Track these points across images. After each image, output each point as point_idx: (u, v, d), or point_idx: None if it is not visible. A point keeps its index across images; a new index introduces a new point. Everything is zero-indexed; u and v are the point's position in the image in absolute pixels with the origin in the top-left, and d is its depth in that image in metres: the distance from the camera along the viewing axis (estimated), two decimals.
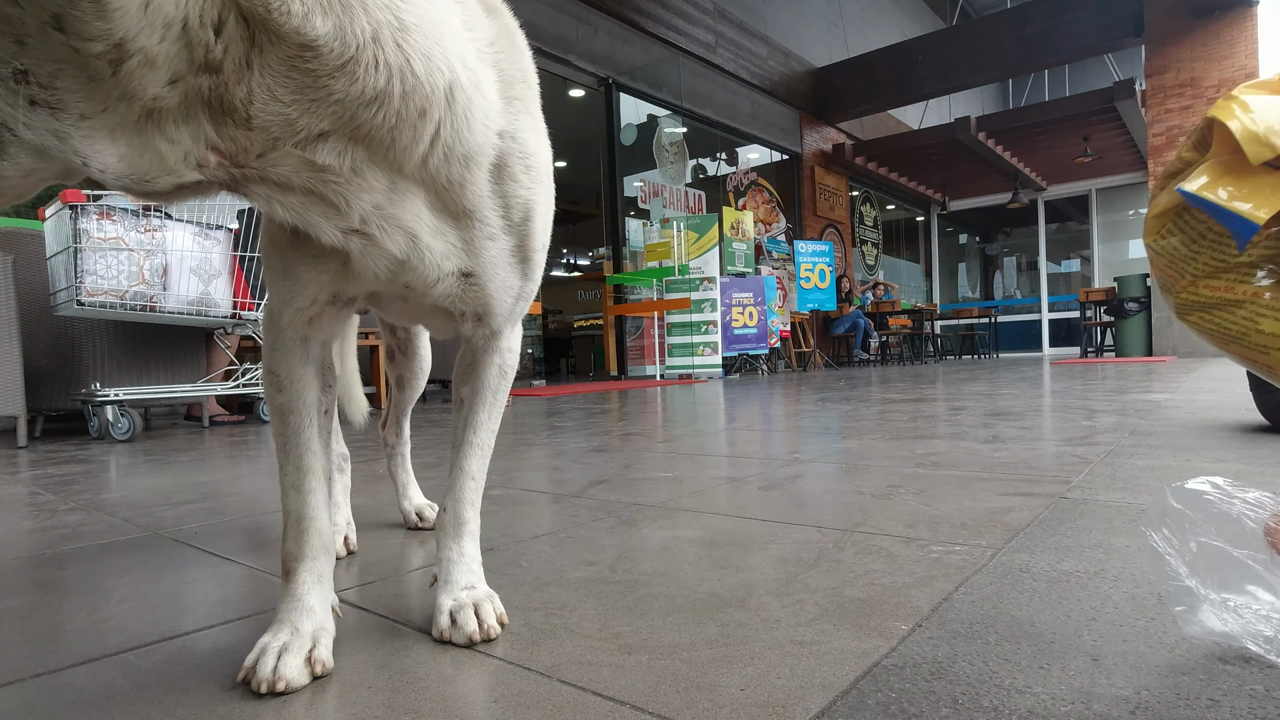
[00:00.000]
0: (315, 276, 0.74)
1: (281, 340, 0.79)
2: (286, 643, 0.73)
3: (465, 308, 0.83)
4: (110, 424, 3.39)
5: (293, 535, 0.80)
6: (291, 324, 0.78)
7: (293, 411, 0.79)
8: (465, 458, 0.90)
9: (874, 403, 3.94)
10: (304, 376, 0.80)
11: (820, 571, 1.00)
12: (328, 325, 0.80)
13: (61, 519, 1.61)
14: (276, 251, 0.75)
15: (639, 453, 2.32)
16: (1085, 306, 10.46)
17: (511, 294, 0.83)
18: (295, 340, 0.79)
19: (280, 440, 0.80)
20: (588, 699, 0.66)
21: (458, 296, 0.79)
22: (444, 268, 0.74)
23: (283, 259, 0.74)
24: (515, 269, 0.81)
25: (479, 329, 0.87)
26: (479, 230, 0.75)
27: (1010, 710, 0.61)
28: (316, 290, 0.75)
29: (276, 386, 0.80)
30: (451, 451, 0.92)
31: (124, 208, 3.35)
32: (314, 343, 0.80)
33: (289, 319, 0.77)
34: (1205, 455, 1.82)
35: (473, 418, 0.91)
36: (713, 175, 10.66)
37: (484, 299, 0.80)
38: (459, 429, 0.92)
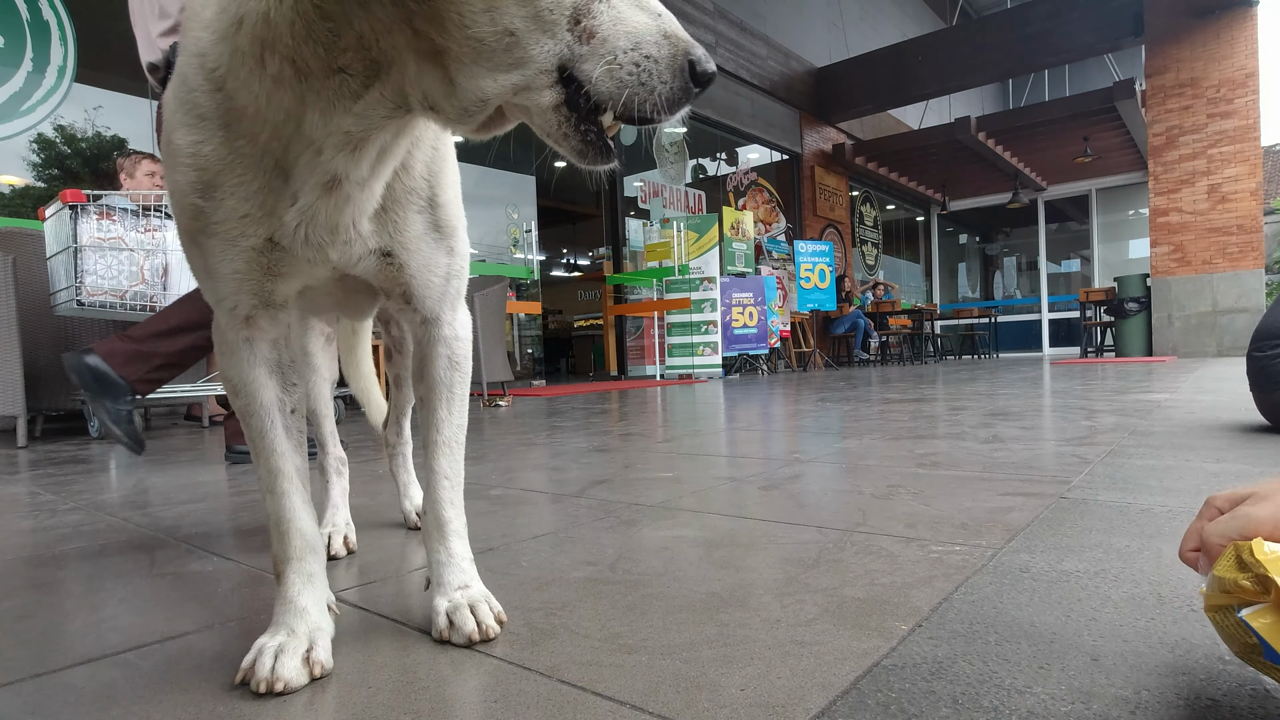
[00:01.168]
0: (231, 269, 0.71)
1: (225, 344, 0.77)
2: (283, 644, 0.73)
3: (390, 287, 0.82)
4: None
5: (276, 538, 0.80)
6: (230, 325, 0.76)
7: (253, 414, 0.78)
8: (433, 458, 0.88)
9: (874, 403, 3.94)
10: (255, 379, 0.78)
11: (820, 571, 1.00)
12: (268, 325, 0.78)
13: (61, 519, 1.61)
14: (194, 247, 0.72)
15: (639, 453, 2.32)
16: (1085, 306, 10.46)
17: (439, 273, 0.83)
18: (238, 343, 0.77)
19: (250, 444, 0.80)
20: (588, 699, 0.66)
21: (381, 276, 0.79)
22: (368, 245, 0.76)
23: (202, 255, 0.72)
24: (437, 245, 0.82)
25: (411, 315, 0.86)
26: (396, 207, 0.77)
27: (1010, 710, 0.61)
28: (236, 285, 0.73)
29: (233, 391, 0.79)
30: (423, 453, 0.90)
31: (124, 208, 3.35)
32: (260, 344, 0.78)
33: (225, 320, 0.76)
34: (1205, 455, 1.82)
35: (433, 416, 0.89)
36: (713, 175, 10.67)
37: (404, 278, 0.81)
38: (423, 430, 0.90)
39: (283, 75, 0.63)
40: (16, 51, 4.73)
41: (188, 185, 0.69)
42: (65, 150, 5.11)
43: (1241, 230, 8.86)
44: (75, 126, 5.11)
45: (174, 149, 0.69)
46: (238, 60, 0.64)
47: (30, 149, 4.90)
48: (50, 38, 4.86)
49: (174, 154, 0.69)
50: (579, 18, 0.58)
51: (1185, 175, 9.16)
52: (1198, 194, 9.07)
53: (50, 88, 4.87)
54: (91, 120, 5.19)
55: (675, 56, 0.60)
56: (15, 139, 4.77)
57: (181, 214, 0.71)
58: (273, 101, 0.64)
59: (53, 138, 5.00)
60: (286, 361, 0.81)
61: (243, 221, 0.69)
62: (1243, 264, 8.86)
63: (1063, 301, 14.11)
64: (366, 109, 0.65)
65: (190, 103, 0.67)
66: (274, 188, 0.68)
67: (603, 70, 0.59)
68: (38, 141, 4.92)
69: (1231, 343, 8.85)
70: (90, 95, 5.14)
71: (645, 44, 0.59)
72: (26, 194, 4.87)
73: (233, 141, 0.67)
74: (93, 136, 5.23)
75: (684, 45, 0.60)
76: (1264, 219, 9.05)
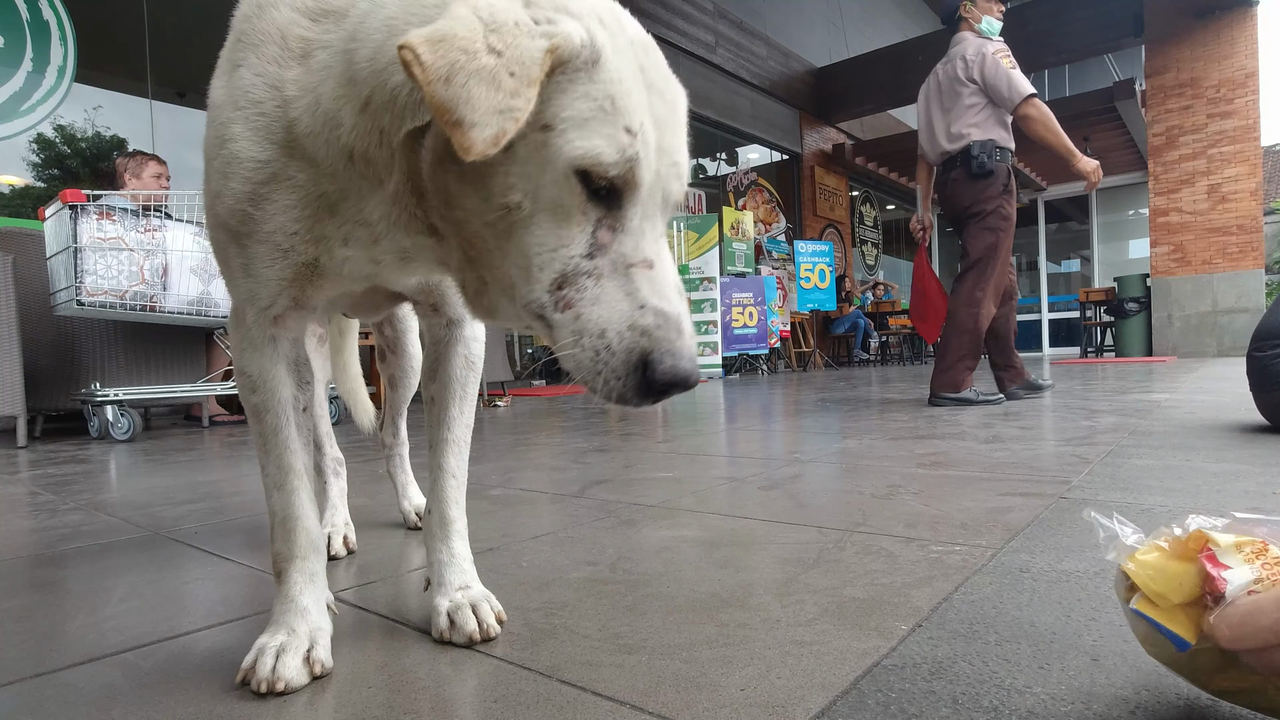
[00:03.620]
0: (277, 275, 0.72)
1: (249, 339, 0.77)
2: (284, 643, 0.73)
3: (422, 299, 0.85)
4: (110, 424, 3.39)
5: (280, 536, 0.80)
6: (257, 323, 0.76)
7: (268, 411, 0.78)
8: (442, 456, 0.89)
9: (874, 403, 3.94)
10: (276, 375, 0.78)
11: (820, 571, 1.00)
12: (295, 324, 0.78)
13: (61, 519, 1.61)
14: (235, 245, 0.72)
15: (639, 453, 2.32)
16: (1085, 306, 10.46)
17: None
18: (263, 339, 0.77)
19: (259, 440, 0.79)
20: (588, 699, 0.66)
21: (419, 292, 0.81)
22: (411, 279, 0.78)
23: (242, 253, 0.72)
24: None
25: (436, 318, 0.88)
26: None
27: (1010, 710, 0.61)
28: (278, 290, 0.73)
29: (250, 387, 0.78)
30: (428, 452, 0.91)
31: (124, 208, 3.35)
32: (283, 341, 0.78)
33: (254, 318, 0.76)
34: (1205, 455, 1.82)
35: (444, 414, 0.90)
36: (713, 175, 10.66)
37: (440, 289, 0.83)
38: (433, 427, 0.91)
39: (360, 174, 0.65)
40: (16, 51, 4.73)
41: (242, 194, 0.69)
42: (65, 150, 5.11)
43: (1241, 230, 8.86)
44: (75, 126, 5.11)
45: (232, 157, 0.68)
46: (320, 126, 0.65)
47: (30, 149, 4.90)
48: (50, 38, 4.86)
49: (230, 161, 0.69)
50: (562, 284, 0.57)
51: (1185, 175, 9.16)
52: (1198, 194, 9.07)
53: (50, 88, 4.86)
54: (91, 120, 5.19)
55: (631, 353, 0.56)
56: (15, 139, 4.77)
57: (228, 216, 0.70)
58: (341, 179, 0.66)
59: (53, 138, 5.00)
60: (303, 359, 0.82)
61: (293, 237, 0.70)
62: (1243, 264, 8.86)
63: (1063, 301, 14.11)
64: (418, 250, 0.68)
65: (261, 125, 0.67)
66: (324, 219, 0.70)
67: (566, 348, 0.58)
68: (38, 141, 4.92)
69: (1231, 343, 8.85)
70: (90, 95, 5.14)
71: (610, 333, 0.56)
72: (26, 194, 4.87)
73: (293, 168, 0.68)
74: (92, 136, 5.23)
75: (648, 345, 0.56)
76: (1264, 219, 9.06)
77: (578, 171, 0.55)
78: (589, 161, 0.54)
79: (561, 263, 0.57)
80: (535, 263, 0.58)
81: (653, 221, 0.59)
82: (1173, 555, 0.55)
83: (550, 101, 0.54)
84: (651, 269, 0.58)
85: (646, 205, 0.58)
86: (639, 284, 0.57)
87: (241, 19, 0.70)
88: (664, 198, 0.60)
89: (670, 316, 0.57)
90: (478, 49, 0.52)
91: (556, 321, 0.58)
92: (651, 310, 0.57)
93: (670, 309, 0.57)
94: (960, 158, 3.50)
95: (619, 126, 0.55)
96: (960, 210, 3.54)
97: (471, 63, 0.52)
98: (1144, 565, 0.56)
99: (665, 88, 0.60)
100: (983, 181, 3.45)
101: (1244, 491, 1.39)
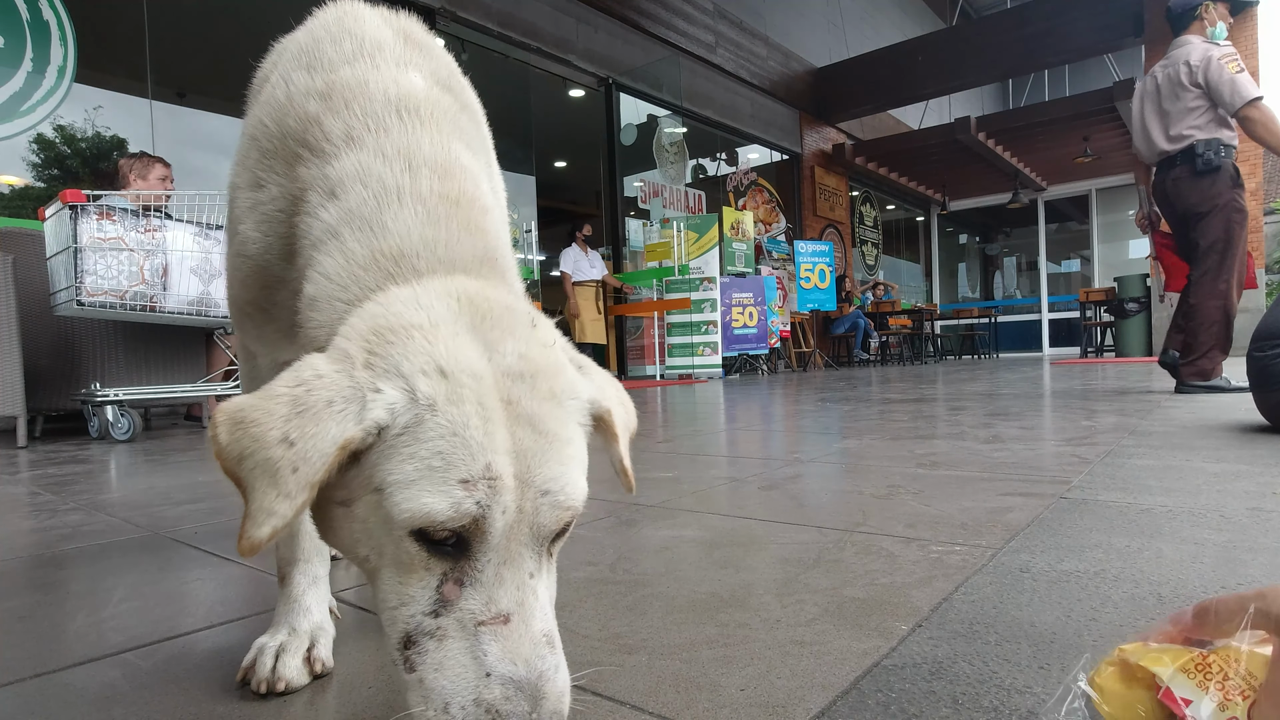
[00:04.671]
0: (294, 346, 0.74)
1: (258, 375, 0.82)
2: (284, 643, 0.73)
3: None
4: (110, 424, 3.39)
5: (284, 540, 0.80)
6: (269, 367, 0.81)
7: None
8: None
9: (874, 403, 3.94)
10: None
11: (820, 571, 1.00)
12: None
13: (61, 519, 1.61)
14: (251, 322, 0.77)
15: (639, 452, 2.32)
16: (1085, 306, 10.46)
17: None
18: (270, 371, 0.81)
19: None
20: (588, 699, 0.66)
21: None
22: None
23: (258, 329, 0.77)
24: None
25: None
26: None
27: (1010, 710, 0.61)
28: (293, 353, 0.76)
29: None
30: None
31: (124, 208, 3.35)
32: None
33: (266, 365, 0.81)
34: (1205, 455, 1.82)
35: None
36: (713, 175, 10.66)
37: None
38: None
39: None
40: (16, 51, 4.73)
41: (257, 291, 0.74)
42: (65, 150, 5.11)
43: None
44: (75, 126, 5.11)
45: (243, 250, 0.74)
46: None
47: (30, 149, 4.90)
48: (50, 38, 4.86)
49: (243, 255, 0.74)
50: (407, 644, 0.53)
51: None
52: None
53: (50, 88, 4.86)
54: (91, 120, 5.19)
55: None
56: (15, 139, 4.77)
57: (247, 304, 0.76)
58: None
59: (52, 138, 5.00)
60: None
61: None
62: None
63: (1063, 301, 14.12)
64: None
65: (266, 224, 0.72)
66: None
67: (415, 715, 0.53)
68: (38, 141, 4.92)
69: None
70: (90, 95, 5.14)
71: (454, 708, 0.51)
72: (26, 194, 4.87)
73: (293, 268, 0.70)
74: (92, 136, 5.23)
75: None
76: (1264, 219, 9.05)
77: (412, 532, 0.52)
78: (420, 521, 0.51)
79: (404, 621, 0.54)
80: (385, 617, 0.55)
81: (515, 566, 0.54)
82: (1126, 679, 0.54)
83: (378, 466, 0.53)
84: (507, 624, 0.53)
85: (504, 550, 0.53)
86: (487, 647, 0.52)
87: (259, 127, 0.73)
88: (534, 532, 0.55)
89: (524, 684, 0.51)
90: (270, 439, 0.50)
91: (406, 683, 0.54)
92: (499, 680, 0.51)
93: (522, 674, 0.51)
94: (1180, 157, 3.65)
95: (451, 481, 0.51)
96: (1188, 208, 3.69)
97: (261, 452, 0.51)
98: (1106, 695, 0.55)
99: (539, 415, 0.55)
100: (1208, 178, 3.60)
101: (1244, 491, 1.39)
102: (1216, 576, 0.91)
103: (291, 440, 0.51)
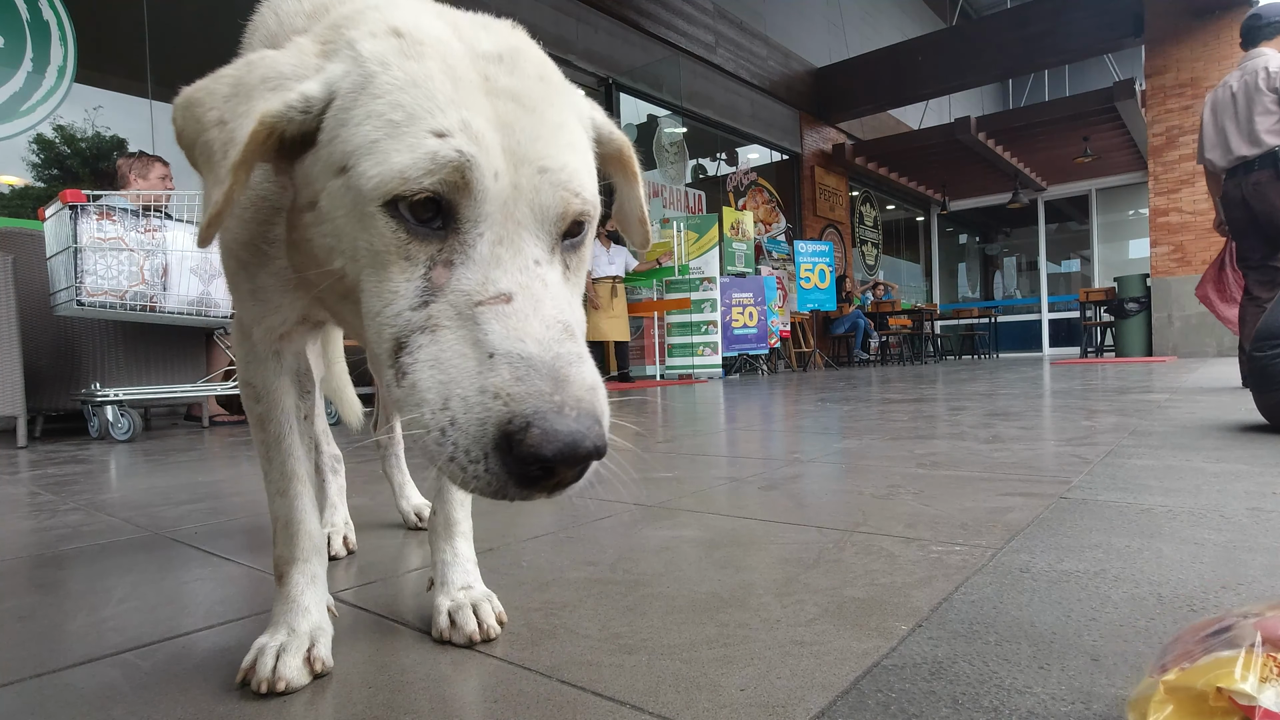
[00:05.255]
0: (289, 302, 0.72)
1: (254, 354, 0.78)
2: (284, 643, 0.73)
3: None
4: (110, 424, 3.39)
5: (283, 539, 0.80)
6: (263, 340, 0.77)
7: (271, 420, 0.79)
8: None
9: (874, 403, 3.94)
10: (280, 386, 0.79)
11: (820, 571, 1.00)
12: (299, 339, 0.80)
13: (61, 519, 1.61)
14: (244, 273, 0.72)
15: (639, 453, 2.32)
16: (1085, 306, 10.46)
17: None
18: (268, 354, 0.78)
19: (262, 447, 0.80)
20: (588, 699, 0.66)
21: None
22: None
23: (251, 281, 0.71)
24: None
25: None
26: None
27: (1010, 710, 0.61)
28: (288, 313, 0.73)
29: (254, 397, 0.80)
30: None
31: (124, 208, 3.35)
32: (287, 354, 0.80)
33: (260, 335, 0.76)
34: (1205, 455, 1.82)
35: None
36: (713, 175, 10.66)
37: None
38: None
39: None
40: (16, 51, 4.73)
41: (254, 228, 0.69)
42: (65, 150, 5.11)
43: None
44: (75, 127, 5.11)
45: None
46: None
47: (30, 149, 4.90)
48: (50, 38, 4.85)
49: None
50: (398, 350, 0.46)
51: (1185, 175, 9.16)
52: (1198, 194, 9.06)
53: (50, 88, 4.86)
54: (91, 120, 5.19)
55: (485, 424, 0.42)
56: (15, 139, 4.77)
57: (241, 248, 0.70)
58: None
59: (52, 138, 5.00)
60: (304, 369, 0.83)
61: None
62: None
63: (1063, 301, 14.11)
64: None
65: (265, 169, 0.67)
66: None
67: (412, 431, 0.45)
68: (37, 141, 4.91)
69: (1231, 343, 8.81)
70: (90, 95, 5.14)
71: (454, 402, 0.43)
72: (26, 194, 4.87)
73: None
74: (92, 137, 5.22)
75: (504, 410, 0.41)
76: None
77: (386, 205, 0.45)
78: (393, 184, 0.44)
79: (389, 324, 0.46)
80: (371, 338, 0.48)
81: (515, 246, 0.46)
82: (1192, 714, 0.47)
83: (334, 141, 0.47)
84: (510, 303, 0.44)
85: (501, 224, 0.46)
86: (489, 328, 0.43)
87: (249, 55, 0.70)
88: (536, 213, 0.47)
89: (536, 363, 0.42)
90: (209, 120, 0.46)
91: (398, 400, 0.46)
92: (504, 360, 0.42)
93: (534, 352, 0.43)
94: (1260, 161, 3.75)
95: (420, 132, 0.44)
96: (1272, 210, 3.77)
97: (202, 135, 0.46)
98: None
99: (527, 93, 0.48)
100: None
101: (1244, 491, 1.39)
102: (1216, 576, 0.91)
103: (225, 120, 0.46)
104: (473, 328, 0.44)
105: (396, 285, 0.46)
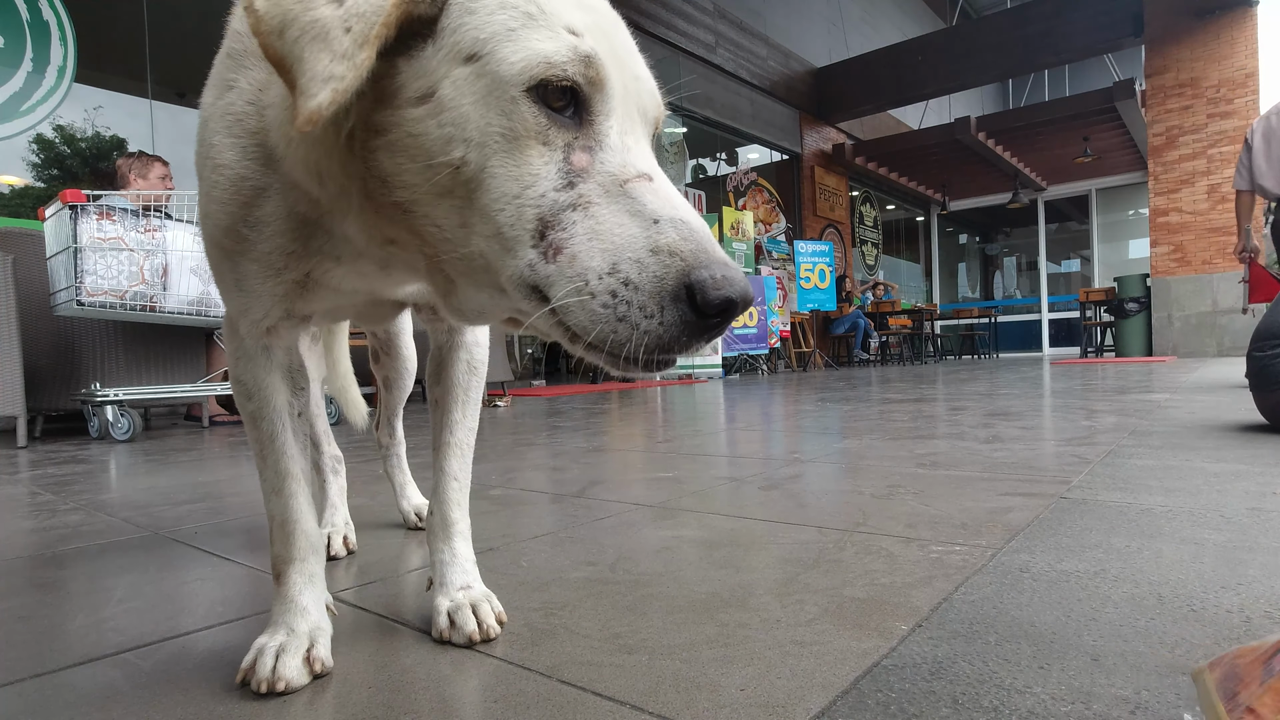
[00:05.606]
0: (270, 290, 0.71)
1: (243, 349, 0.77)
2: (284, 643, 0.73)
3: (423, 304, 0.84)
4: (110, 424, 3.39)
5: (280, 539, 0.80)
6: (250, 334, 0.76)
7: (263, 418, 0.78)
8: (445, 459, 0.90)
9: (874, 403, 3.94)
10: (270, 383, 0.78)
11: (820, 571, 1.00)
12: (287, 334, 0.78)
13: (61, 519, 1.61)
14: (228, 262, 0.70)
15: (639, 452, 2.32)
16: (1085, 306, 10.46)
17: None
18: (257, 349, 0.77)
19: (256, 446, 0.80)
20: (588, 699, 0.66)
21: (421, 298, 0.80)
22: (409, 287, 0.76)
23: (235, 270, 0.70)
24: None
25: (439, 323, 0.88)
26: None
27: (1010, 710, 0.61)
28: (270, 304, 0.72)
29: (245, 394, 0.79)
30: (433, 454, 0.92)
31: (124, 208, 3.35)
32: (277, 350, 0.78)
33: (246, 329, 0.75)
34: (1205, 455, 1.82)
35: (447, 418, 0.91)
36: (713, 175, 10.66)
37: None
38: (436, 430, 0.92)
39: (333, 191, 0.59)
40: (16, 51, 4.73)
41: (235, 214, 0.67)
42: (65, 150, 5.11)
43: None
44: (75, 126, 5.11)
45: (222, 178, 0.66)
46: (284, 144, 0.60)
47: (30, 149, 4.90)
48: (50, 38, 4.85)
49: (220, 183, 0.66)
50: (545, 230, 0.47)
51: (1185, 175, 9.16)
52: (1198, 194, 9.07)
53: (50, 88, 4.86)
54: (91, 120, 5.19)
55: (664, 280, 0.45)
56: (15, 139, 4.77)
57: (221, 235, 0.68)
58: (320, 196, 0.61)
59: (52, 138, 5.00)
60: (296, 366, 0.82)
61: (287, 256, 0.68)
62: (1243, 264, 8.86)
63: (1063, 301, 14.11)
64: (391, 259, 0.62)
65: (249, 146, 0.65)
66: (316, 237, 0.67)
67: (573, 300, 0.47)
68: (37, 141, 4.92)
69: (1231, 343, 8.84)
70: (90, 95, 5.14)
71: (625, 264, 0.45)
72: (26, 194, 4.87)
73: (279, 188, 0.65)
74: (92, 136, 5.23)
75: (682, 264, 0.45)
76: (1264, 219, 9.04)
77: (529, 89, 0.46)
78: (540, 69, 0.46)
79: (534, 206, 0.47)
80: (504, 222, 0.48)
81: (636, 136, 0.50)
82: None
83: (461, 29, 0.48)
84: (653, 180, 0.48)
85: (624, 116, 0.49)
86: (644, 200, 0.46)
87: (233, 36, 0.67)
88: (640, 113, 0.51)
89: (695, 225, 0.46)
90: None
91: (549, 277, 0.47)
92: (670, 223, 0.45)
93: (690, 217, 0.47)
94: None
95: (557, 27, 0.47)
96: None
97: (306, 14, 0.45)
98: None
99: (607, 12, 0.53)
100: None
101: (1244, 491, 1.39)
102: (1216, 576, 0.91)
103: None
104: (627, 201, 0.47)
105: (536, 168, 0.48)
